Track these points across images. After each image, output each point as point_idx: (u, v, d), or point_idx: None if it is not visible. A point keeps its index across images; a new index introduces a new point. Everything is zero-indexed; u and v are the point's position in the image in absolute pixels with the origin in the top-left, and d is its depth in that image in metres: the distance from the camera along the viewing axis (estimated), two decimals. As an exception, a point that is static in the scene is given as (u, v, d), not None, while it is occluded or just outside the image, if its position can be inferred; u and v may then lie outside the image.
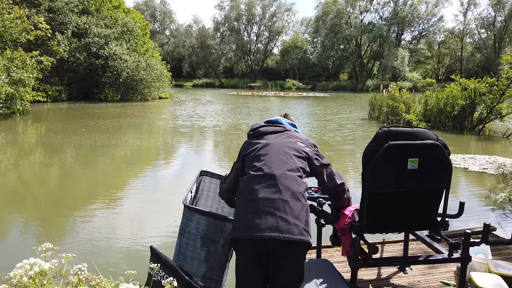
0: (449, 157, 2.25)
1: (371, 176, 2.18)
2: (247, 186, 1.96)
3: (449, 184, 2.28)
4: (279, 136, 2.21)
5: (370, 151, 2.21)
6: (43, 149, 9.78)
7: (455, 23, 56.61)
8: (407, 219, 2.33)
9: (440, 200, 2.34)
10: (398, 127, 2.24)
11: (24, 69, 15.96)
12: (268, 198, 1.87)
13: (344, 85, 52.59)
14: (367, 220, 2.26)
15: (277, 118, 2.41)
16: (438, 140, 2.24)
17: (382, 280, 2.76)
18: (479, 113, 13.55)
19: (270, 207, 1.84)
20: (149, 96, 26.79)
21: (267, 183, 1.92)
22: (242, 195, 1.97)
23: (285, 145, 2.12)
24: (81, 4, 25.45)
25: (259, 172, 1.97)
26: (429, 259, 2.32)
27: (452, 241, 2.29)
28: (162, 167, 8.10)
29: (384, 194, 2.23)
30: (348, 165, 8.54)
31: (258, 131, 2.26)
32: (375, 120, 16.61)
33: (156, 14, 67.34)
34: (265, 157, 2.03)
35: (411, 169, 2.18)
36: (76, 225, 4.83)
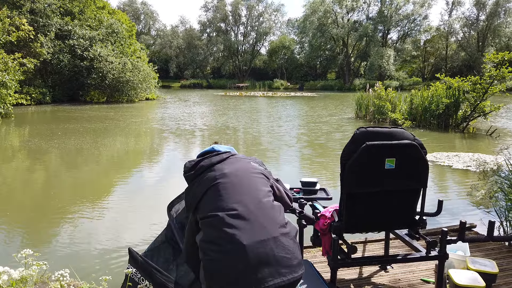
0: (426, 157, 2.28)
1: (349, 176, 2.20)
2: (217, 234, 1.51)
3: (426, 183, 2.31)
4: (228, 162, 1.79)
5: (348, 152, 2.22)
6: (25, 153, 9.62)
7: (440, 22, 57.40)
8: (386, 219, 2.36)
9: (418, 199, 2.37)
10: (375, 127, 2.26)
11: (6, 72, 15.68)
12: (256, 241, 1.48)
13: (331, 84, 52.93)
14: (346, 220, 2.27)
15: (211, 146, 1.98)
16: (415, 140, 2.27)
17: (364, 279, 2.78)
18: (463, 111, 13.77)
19: (263, 252, 1.47)
20: (136, 97, 26.58)
21: (246, 223, 1.52)
22: (213, 246, 1.50)
23: (242, 170, 1.74)
24: (64, 5, 25.11)
25: (230, 212, 1.54)
26: (407, 257, 2.35)
27: (429, 239, 2.32)
28: (146, 171, 8.02)
29: (363, 194, 2.25)
30: (330, 164, 8.59)
31: (200, 166, 1.78)
32: (361, 120, 16.74)
33: (139, 15, 66.94)
34: (226, 191, 1.61)
35: (389, 169, 2.20)
36: (57, 230, 4.76)
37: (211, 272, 1.48)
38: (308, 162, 8.80)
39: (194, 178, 1.75)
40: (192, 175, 1.77)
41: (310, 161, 8.92)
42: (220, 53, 61.58)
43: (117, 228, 4.83)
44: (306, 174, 7.49)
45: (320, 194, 2.94)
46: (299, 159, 9.15)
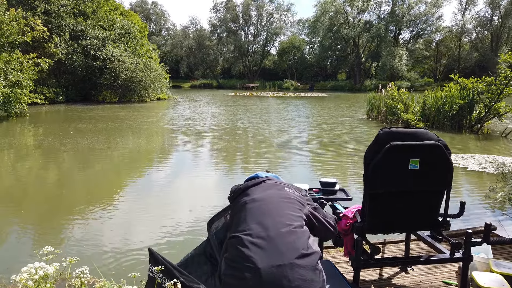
0: (450, 157, 2.25)
1: (372, 177, 2.18)
2: (236, 253, 1.55)
3: (450, 184, 2.28)
4: (262, 187, 1.85)
5: (371, 152, 2.20)
6: (39, 151, 9.76)
7: (453, 22, 56.76)
8: (409, 220, 2.34)
9: (441, 200, 2.34)
10: (399, 127, 2.24)
11: (21, 71, 15.93)
12: (271, 265, 1.47)
13: (342, 85, 52.71)
14: (369, 221, 2.26)
15: (256, 173, 2.04)
16: (439, 141, 2.24)
17: (384, 281, 2.76)
18: (478, 112, 13.60)
19: (278, 276, 1.45)
20: (147, 97, 26.79)
21: (264, 245, 1.53)
22: (233, 263, 1.55)
23: (273, 195, 1.77)
24: (77, 6, 25.43)
25: (249, 233, 1.58)
26: (431, 259, 2.32)
27: (454, 241, 2.30)
28: (158, 171, 8.06)
29: (386, 194, 2.23)
30: (349, 165, 8.55)
31: (237, 189, 1.89)
32: (373, 120, 16.64)
33: (150, 15, 67.44)
34: (251, 214, 1.67)
35: (413, 169, 2.18)
36: (74, 228, 4.82)
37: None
38: (320, 164, 8.77)
39: (233, 201, 1.87)
40: (231, 198, 1.90)
41: (323, 162, 8.88)
42: (230, 54, 61.76)
43: (129, 227, 4.86)
44: (320, 176, 7.47)
45: (339, 195, 2.92)
46: (312, 160, 9.12)
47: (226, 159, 9.19)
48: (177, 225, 4.84)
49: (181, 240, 4.41)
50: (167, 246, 4.26)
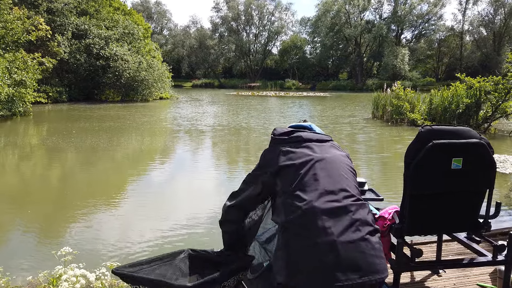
0: (493, 156, 2.17)
1: (414, 177, 2.10)
2: (307, 220, 1.42)
3: (493, 184, 2.20)
4: (328, 146, 1.69)
5: (412, 151, 2.12)
6: (43, 150, 9.69)
7: (455, 21, 56.72)
8: (449, 221, 2.25)
9: (483, 200, 2.26)
10: (440, 125, 2.16)
11: (25, 70, 15.84)
12: (350, 241, 1.39)
13: (343, 84, 52.62)
14: (408, 222, 2.18)
15: (309, 124, 1.87)
16: (481, 139, 2.17)
17: (418, 283, 2.68)
18: (484, 111, 13.51)
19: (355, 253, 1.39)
20: (150, 96, 26.70)
21: (343, 219, 1.43)
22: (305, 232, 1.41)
23: (340, 161, 1.64)
24: (80, 5, 25.34)
25: (329, 202, 1.44)
26: (473, 262, 2.24)
27: (497, 244, 2.21)
28: (161, 171, 7.98)
29: (427, 195, 2.15)
30: (365, 166, 8.48)
31: (298, 136, 1.67)
32: (379, 120, 16.56)
33: (152, 14, 67.34)
34: (325, 178, 1.50)
35: (455, 169, 2.10)
36: (75, 229, 4.73)
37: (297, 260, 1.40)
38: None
39: (287, 144, 1.66)
40: (286, 139, 1.68)
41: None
42: (232, 53, 61.69)
43: (133, 226, 4.78)
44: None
45: (368, 195, 2.84)
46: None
47: (230, 160, 9.12)
48: (186, 225, 4.77)
49: (193, 240, 4.33)
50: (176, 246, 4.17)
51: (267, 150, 1.71)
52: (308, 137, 1.68)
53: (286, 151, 1.61)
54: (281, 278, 1.41)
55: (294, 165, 1.55)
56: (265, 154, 1.71)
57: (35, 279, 3.24)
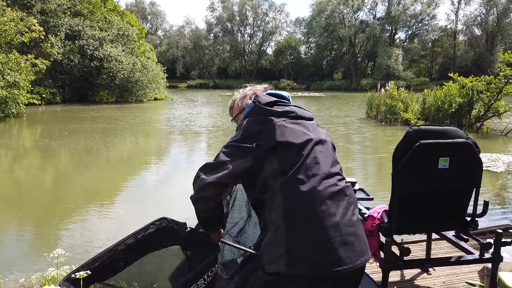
0: (480, 156, 2.21)
1: (401, 176, 2.13)
2: (312, 206, 1.38)
3: (479, 183, 2.24)
4: (315, 126, 1.61)
5: (400, 151, 2.15)
6: (36, 152, 9.64)
7: (448, 21, 57.19)
8: (437, 220, 2.29)
9: (469, 199, 2.30)
10: (427, 125, 2.19)
11: (18, 72, 15.75)
12: (350, 224, 1.41)
13: (338, 84, 52.77)
14: (397, 222, 2.21)
15: (286, 94, 1.75)
16: (468, 139, 2.20)
17: (407, 282, 2.71)
18: (477, 111, 13.62)
19: (354, 235, 1.41)
20: (144, 97, 26.62)
21: (342, 202, 1.43)
22: (303, 220, 1.37)
23: (329, 141, 1.60)
24: (73, 6, 25.21)
25: (330, 186, 1.42)
26: (460, 260, 2.27)
27: (483, 242, 2.25)
28: (154, 172, 7.98)
29: (415, 194, 2.18)
30: (360, 166, 8.52)
31: (292, 111, 1.57)
32: (372, 119, 16.63)
33: (147, 15, 67.17)
34: (323, 161, 1.48)
35: (442, 168, 2.13)
36: (68, 231, 4.72)
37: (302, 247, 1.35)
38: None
39: (279, 117, 1.53)
40: (278, 112, 1.54)
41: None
42: (227, 53, 61.64)
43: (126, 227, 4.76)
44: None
45: (359, 195, 2.87)
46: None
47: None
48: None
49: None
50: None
51: (252, 120, 1.53)
52: (301, 114, 1.59)
53: (282, 126, 1.49)
54: (280, 267, 1.33)
55: (294, 145, 1.46)
56: (249, 124, 1.52)
57: (27, 281, 3.23)
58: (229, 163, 1.43)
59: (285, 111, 1.55)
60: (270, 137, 1.45)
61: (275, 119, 1.50)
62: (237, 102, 1.88)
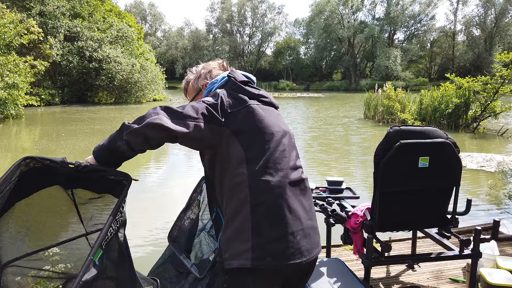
0: (459, 155, 2.27)
1: (382, 175, 2.20)
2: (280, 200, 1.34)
3: (459, 181, 2.31)
4: (280, 116, 1.54)
5: (381, 150, 2.22)
6: (37, 153, 9.69)
7: (447, 22, 57.30)
8: (418, 217, 2.36)
9: (450, 197, 2.36)
10: (408, 126, 2.26)
11: (17, 73, 15.83)
12: (312, 217, 1.44)
13: (337, 85, 52.87)
14: (379, 219, 2.27)
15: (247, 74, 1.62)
16: (448, 139, 2.27)
17: (392, 278, 2.78)
18: (474, 111, 13.69)
19: (314, 228, 1.43)
20: (143, 98, 26.69)
21: (307, 195, 1.45)
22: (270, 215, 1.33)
23: (291, 132, 1.54)
24: (72, 8, 25.31)
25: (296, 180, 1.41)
26: (441, 256, 2.34)
27: (463, 238, 2.32)
28: (152, 173, 8.06)
29: (396, 192, 2.25)
30: (355, 167, 8.59)
31: (265, 96, 1.51)
32: (370, 120, 16.70)
33: (146, 16, 67.33)
34: (290, 154, 1.44)
35: (422, 167, 2.20)
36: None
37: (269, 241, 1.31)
38: (325, 165, 8.79)
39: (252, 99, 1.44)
40: (252, 93, 1.46)
41: (327, 163, 8.90)
42: (226, 54, 61.77)
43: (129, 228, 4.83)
44: (326, 176, 7.49)
45: (346, 193, 2.95)
46: (316, 162, 9.14)
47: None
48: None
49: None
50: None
51: (229, 94, 1.43)
52: (271, 101, 1.52)
53: (255, 110, 1.40)
54: (244, 261, 1.29)
55: (265, 134, 1.38)
56: (225, 96, 1.40)
57: (23, 280, 3.30)
58: (195, 121, 1.30)
59: (259, 94, 1.48)
60: (242, 118, 1.37)
61: (249, 100, 1.41)
62: (191, 83, 1.71)
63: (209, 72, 1.68)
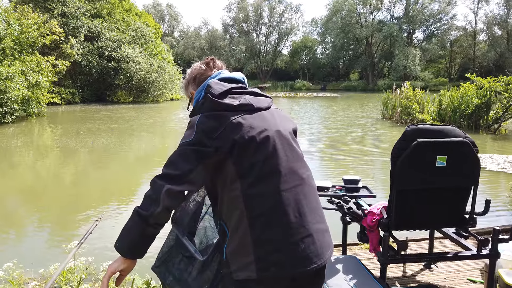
0: (477, 155, 2.26)
1: (399, 173, 2.20)
2: (279, 210, 1.31)
3: (477, 181, 2.29)
4: (276, 114, 1.48)
5: (398, 149, 2.23)
6: (56, 150, 9.97)
7: (467, 20, 56.14)
8: (435, 216, 2.35)
9: (468, 197, 2.35)
10: (426, 124, 2.26)
11: (39, 73, 16.26)
12: (315, 217, 1.38)
13: (354, 85, 52.37)
14: (396, 217, 2.28)
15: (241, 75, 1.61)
16: (466, 138, 2.26)
17: (409, 277, 2.78)
18: (495, 112, 13.40)
19: (319, 230, 1.37)
20: (161, 98, 27.02)
21: (310, 198, 1.39)
22: (269, 226, 1.30)
23: (291, 131, 1.48)
24: (93, 8, 25.82)
25: (296, 186, 1.36)
26: (458, 255, 2.33)
27: (481, 238, 2.30)
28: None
29: (413, 191, 2.25)
30: (372, 167, 8.53)
31: (248, 104, 1.40)
32: (388, 120, 16.52)
33: (164, 17, 68.03)
34: (289, 157, 1.39)
35: (440, 166, 2.20)
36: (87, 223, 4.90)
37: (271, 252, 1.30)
38: (341, 164, 8.76)
39: (235, 112, 1.36)
40: (233, 106, 1.37)
41: (343, 162, 8.87)
42: (242, 54, 61.91)
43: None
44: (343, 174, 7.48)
45: (362, 192, 2.95)
46: (332, 161, 9.12)
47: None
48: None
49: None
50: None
51: (205, 117, 1.36)
52: (258, 105, 1.42)
53: (238, 124, 1.33)
54: (250, 273, 1.29)
55: (252, 145, 1.33)
56: (202, 122, 1.35)
57: (46, 272, 3.42)
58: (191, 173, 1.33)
59: (240, 104, 1.38)
60: (227, 137, 1.32)
61: (230, 116, 1.34)
62: (184, 89, 1.70)
63: (194, 80, 1.64)
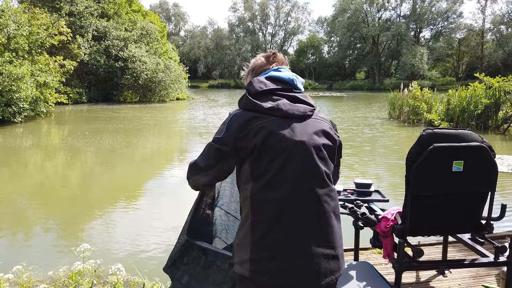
0: (495, 159, 2.21)
1: (415, 178, 2.16)
2: (281, 219, 1.30)
3: (494, 186, 2.24)
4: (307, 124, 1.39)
5: (414, 154, 2.18)
6: (63, 150, 10.01)
7: (475, 19, 55.61)
8: (452, 222, 2.30)
9: (485, 202, 2.30)
10: (442, 129, 2.21)
11: (47, 73, 16.35)
12: (321, 240, 1.32)
13: (361, 84, 52.15)
14: (410, 223, 2.24)
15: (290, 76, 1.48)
16: (483, 142, 2.21)
17: (422, 284, 2.73)
18: (504, 112, 13.24)
19: (322, 254, 1.31)
20: (167, 97, 27.07)
21: (318, 208, 1.34)
22: (268, 235, 1.30)
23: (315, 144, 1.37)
24: (100, 8, 25.92)
25: (304, 195, 1.32)
26: (475, 262, 2.29)
27: (498, 245, 2.25)
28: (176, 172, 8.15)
29: (429, 196, 2.21)
30: (382, 170, 8.47)
31: (279, 109, 1.36)
32: (395, 120, 16.40)
33: (170, 16, 68.19)
34: (300, 168, 1.33)
35: (456, 171, 2.15)
36: (102, 225, 4.92)
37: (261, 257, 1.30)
38: (353, 167, 8.70)
39: (263, 114, 1.36)
40: (262, 108, 1.36)
41: (353, 165, 8.81)
42: (248, 53, 61.83)
43: (148, 226, 4.91)
44: (354, 177, 7.41)
45: (374, 196, 2.90)
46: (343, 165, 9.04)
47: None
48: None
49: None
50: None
51: (236, 117, 1.39)
52: (290, 112, 1.37)
53: (262, 129, 1.33)
54: (244, 271, 1.32)
55: (270, 151, 1.32)
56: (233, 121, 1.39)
57: (55, 274, 3.41)
58: (214, 168, 1.43)
59: (271, 108, 1.36)
60: (249, 139, 1.33)
61: (257, 119, 1.35)
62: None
63: (252, 71, 1.70)
